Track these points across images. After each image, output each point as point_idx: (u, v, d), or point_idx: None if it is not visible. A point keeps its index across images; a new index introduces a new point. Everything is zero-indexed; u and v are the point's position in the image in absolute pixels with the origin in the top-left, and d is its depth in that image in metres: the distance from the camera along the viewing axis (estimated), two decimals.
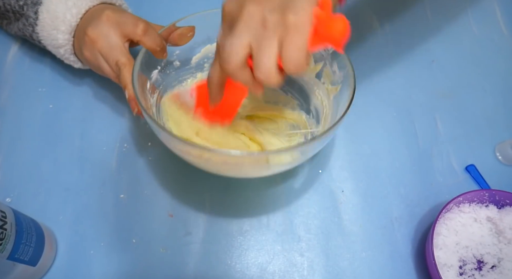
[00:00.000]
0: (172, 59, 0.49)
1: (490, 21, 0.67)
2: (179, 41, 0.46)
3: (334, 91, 0.47)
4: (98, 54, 0.45)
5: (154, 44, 0.44)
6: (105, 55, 0.45)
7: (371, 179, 0.52)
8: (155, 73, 0.47)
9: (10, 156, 0.51)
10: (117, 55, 0.44)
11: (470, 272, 0.46)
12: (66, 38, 0.48)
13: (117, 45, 0.44)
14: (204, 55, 0.51)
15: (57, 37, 0.48)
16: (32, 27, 0.50)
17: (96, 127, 0.53)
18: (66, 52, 0.50)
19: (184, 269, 0.46)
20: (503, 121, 0.58)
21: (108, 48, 0.44)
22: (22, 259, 0.39)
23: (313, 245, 0.48)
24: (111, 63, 0.45)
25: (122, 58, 0.44)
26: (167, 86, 0.50)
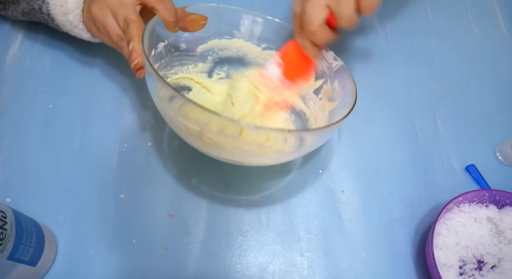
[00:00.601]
0: (180, 40, 0.49)
1: (490, 21, 0.67)
2: (190, 26, 0.46)
3: (331, 106, 0.47)
4: (107, 9, 0.44)
5: (168, 14, 0.43)
6: (114, 11, 0.44)
7: (371, 179, 0.52)
8: (161, 45, 0.47)
9: (10, 156, 0.51)
10: (127, 11, 0.43)
11: (470, 272, 0.46)
12: (76, 2, 0.47)
13: (129, 2, 0.44)
14: (210, 48, 0.52)
15: (67, 1, 0.47)
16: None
17: (96, 127, 0.53)
18: (75, 19, 0.48)
19: (184, 269, 0.46)
20: (503, 121, 0.58)
21: (119, 4, 0.43)
22: (22, 259, 0.39)
23: (313, 245, 0.48)
24: (120, 19, 0.43)
25: (131, 15, 0.43)
26: (168, 63, 0.50)
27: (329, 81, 0.48)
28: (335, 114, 0.46)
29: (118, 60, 0.57)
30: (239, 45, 0.52)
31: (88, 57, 0.58)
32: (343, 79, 0.46)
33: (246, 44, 0.52)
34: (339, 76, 0.47)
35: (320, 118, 0.49)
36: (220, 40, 0.52)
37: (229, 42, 0.52)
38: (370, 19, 0.65)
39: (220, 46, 0.52)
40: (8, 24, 0.60)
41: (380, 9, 0.66)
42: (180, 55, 0.51)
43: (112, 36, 0.45)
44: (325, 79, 0.48)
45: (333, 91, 0.47)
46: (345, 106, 0.43)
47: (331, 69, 0.47)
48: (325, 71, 0.48)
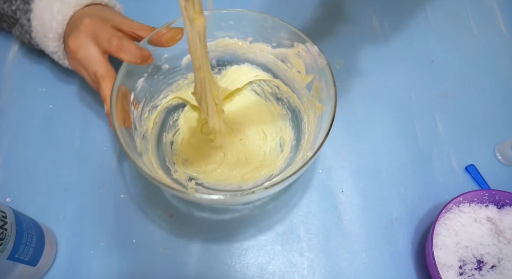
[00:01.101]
0: (160, 63, 0.48)
1: (490, 21, 0.67)
2: (167, 43, 0.45)
3: (320, 110, 0.46)
4: (79, 65, 0.46)
5: (132, 58, 0.43)
6: (85, 66, 0.45)
7: (371, 179, 0.52)
8: (140, 81, 0.46)
9: (10, 156, 0.51)
10: (96, 67, 0.44)
11: (470, 272, 0.46)
12: (56, 45, 0.48)
13: (96, 56, 0.44)
14: None
15: (48, 45, 0.48)
16: (29, 34, 0.50)
17: (96, 127, 0.53)
18: (59, 59, 0.50)
19: (184, 269, 0.46)
20: (503, 121, 0.58)
21: (87, 60, 0.44)
22: (22, 259, 0.39)
23: (313, 245, 0.48)
24: (91, 74, 0.45)
25: (100, 70, 0.44)
26: (154, 92, 0.49)
27: (318, 78, 0.47)
28: (322, 122, 0.44)
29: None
30: (224, 44, 0.51)
31: None
32: (327, 82, 0.44)
33: (231, 41, 0.51)
34: (324, 77, 0.45)
35: (312, 120, 0.48)
36: None
37: (214, 44, 0.50)
38: (370, 19, 0.65)
39: None
40: None
41: (380, 9, 0.66)
42: (165, 76, 0.50)
43: (93, 86, 0.47)
44: (314, 75, 0.47)
45: (321, 91, 0.46)
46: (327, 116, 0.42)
47: (317, 65, 0.46)
48: (313, 66, 0.47)
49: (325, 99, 0.44)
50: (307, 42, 0.45)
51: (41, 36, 0.48)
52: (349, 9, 0.65)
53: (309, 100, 0.49)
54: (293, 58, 0.49)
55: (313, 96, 0.48)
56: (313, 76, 0.48)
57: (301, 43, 0.46)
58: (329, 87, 0.43)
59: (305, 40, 0.45)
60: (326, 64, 0.44)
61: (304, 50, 0.46)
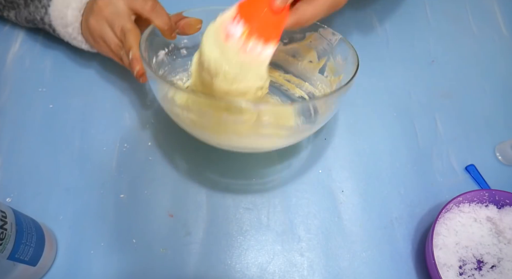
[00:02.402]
0: (180, 46, 0.50)
1: (490, 21, 0.67)
2: (186, 30, 0.47)
3: (337, 81, 0.47)
4: (103, 21, 0.46)
5: (162, 23, 0.44)
6: (111, 22, 0.45)
7: (371, 179, 0.52)
8: (162, 53, 0.47)
9: (10, 156, 0.51)
10: (123, 21, 0.45)
11: (470, 272, 0.46)
12: (75, 15, 0.49)
13: (124, 13, 0.45)
14: None
15: (67, 14, 0.49)
16: (45, 9, 0.50)
17: (96, 127, 0.53)
18: (73, 31, 0.50)
19: (184, 269, 0.46)
20: (503, 121, 0.58)
21: (115, 15, 0.45)
22: (22, 259, 0.39)
23: (313, 245, 0.48)
24: (116, 29, 0.45)
25: (127, 24, 0.44)
26: (172, 70, 0.50)
27: (332, 57, 0.48)
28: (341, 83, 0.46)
29: None
30: None
31: (88, 58, 0.58)
32: (344, 51, 0.46)
33: None
34: (340, 50, 0.47)
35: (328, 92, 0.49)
36: None
37: None
38: (370, 19, 0.65)
39: None
40: (9, 25, 0.60)
41: (380, 9, 0.66)
42: (182, 61, 0.51)
43: (111, 46, 0.46)
44: (327, 57, 0.49)
45: (337, 66, 0.47)
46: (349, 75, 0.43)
47: (331, 45, 0.47)
48: (326, 48, 0.48)
49: (342, 68, 0.46)
50: (320, 27, 0.47)
51: (62, 7, 0.49)
52: (349, 9, 0.65)
53: (323, 81, 0.50)
54: (304, 50, 0.50)
55: (327, 76, 0.49)
56: (326, 59, 0.49)
57: (313, 32, 0.47)
58: (349, 55, 0.45)
59: (317, 27, 0.47)
60: (341, 38, 0.46)
61: (316, 37, 0.48)
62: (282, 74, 0.54)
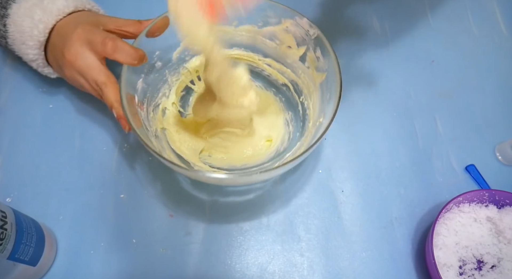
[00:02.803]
0: (153, 61, 0.48)
1: (490, 21, 0.67)
2: (158, 30, 0.45)
3: (320, 78, 0.47)
4: (78, 75, 0.45)
5: (129, 58, 0.42)
6: (84, 75, 0.44)
7: (371, 179, 0.52)
8: (139, 83, 0.46)
9: (10, 156, 0.51)
10: (95, 74, 0.44)
11: (470, 272, 0.46)
12: (35, 53, 0.47)
13: (94, 64, 0.44)
14: (184, 49, 0.51)
15: (27, 52, 0.47)
16: (5, 40, 0.48)
17: (96, 127, 0.53)
18: (38, 66, 0.49)
19: (184, 269, 0.46)
20: (503, 121, 0.58)
21: (86, 68, 0.44)
22: (22, 259, 0.39)
23: (313, 245, 0.48)
24: (91, 82, 0.44)
25: (100, 77, 0.43)
26: (153, 91, 0.50)
27: (311, 48, 0.48)
28: (326, 89, 0.46)
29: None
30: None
31: None
32: (324, 50, 0.45)
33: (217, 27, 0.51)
34: (319, 46, 0.46)
35: (313, 91, 0.49)
36: None
37: None
38: (370, 19, 0.65)
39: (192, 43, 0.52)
40: None
41: (380, 9, 0.66)
42: (160, 74, 0.51)
43: (93, 94, 0.46)
44: (307, 47, 0.48)
45: (317, 61, 0.47)
46: (333, 81, 0.43)
47: (309, 36, 0.47)
48: (304, 38, 0.48)
49: (325, 67, 0.45)
50: (296, 15, 0.46)
51: (19, 43, 0.47)
52: (349, 9, 0.65)
53: (305, 71, 0.50)
54: (281, 34, 0.49)
55: (309, 67, 0.49)
56: (305, 48, 0.48)
57: (289, 18, 0.47)
58: (327, 54, 0.44)
59: (293, 15, 0.46)
60: (320, 33, 0.45)
61: (292, 24, 0.47)
62: (261, 58, 0.54)
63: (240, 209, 0.50)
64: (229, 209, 0.50)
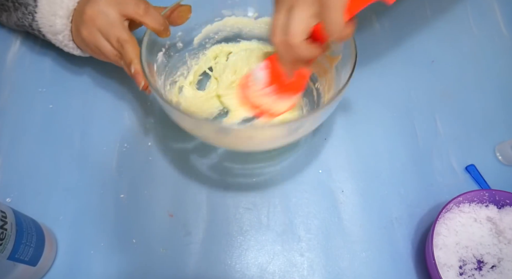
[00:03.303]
0: (175, 40, 0.50)
1: (490, 21, 0.67)
2: (178, 21, 0.47)
3: (336, 61, 0.47)
4: (97, 33, 0.44)
5: (156, 24, 0.44)
6: (105, 33, 0.44)
7: (371, 179, 0.52)
8: (160, 55, 0.48)
9: (10, 156, 0.51)
10: (118, 31, 0.44)
11: (470, 272, 0.46)
12: (64, 23, 0.47)
13: (117, 22, 0.44)
14: (205, 36, 0.53)
15: (55, 23, 0.47)
16: (32, 16, 0.49)
17: (96, 127, 0.53)
18: (64, 39, 0.49)
19: (184, 269, 0.46)
20: (503, 121, 0.58)
21: (108, 25, 0.44)
22: (23, 259, 0.39)
23: (313, 245, 0.48)
24: (112, 40, 0.44)
25: (123, 34, 0.44)
26: (172, 68, 0.51)
27: None
28: (341, 69, 0.46)
29: None
30: (231, 23, 0.53)
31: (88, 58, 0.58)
32: None
33: (237, 19, 0.53)
34: None
35: (328, 73, 0.50)
36: (212, 24, 0.52)
37: (221, 23, 0.53)
38: (370, 19, 0.65)
39: (214, 30, 0.53)
40: None
41: (380, 9, 0.66)
42: (180, 54, 0.52)
43: (109, 57, 0.46)
44: None
45: (333, 44, 0.47)
46: (348, 61, 0.44)
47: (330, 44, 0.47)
48: None
49: (339, 48, 0.46)
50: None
51: (49, 15, 0.47)
52: None
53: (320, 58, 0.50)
54: None
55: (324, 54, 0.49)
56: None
57: None
58: None
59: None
60: None
61: None
62: None
63: (240, 209, 0.50)
64: (229, 209, 0.50)
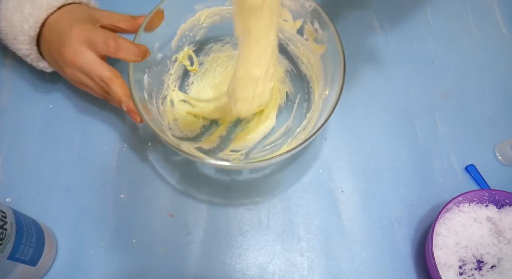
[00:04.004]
0: (154, 54, 0.49)
1: (490, 21, 0.67)
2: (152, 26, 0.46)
3: (320, 50, 0.47)
4: (80, 72, 0.45)
5: (132, 56, 0.43)
6: (87, 73, 0.44)
7: (371, 179, 0.52)
8: (145, 79, 0.47)
9: (10, 156, 0.51)
10: (100, 70, 0.44)
11: (470, 272, 0.46)
12: (27, 48, 0.47)
13: (96, 61, 0.44)
14: (181, 36, 0.52)
15: (19, 47, 0.47)
16: None
17: (96, 127, 0.53)
18: (32, 61, 0.49)
19: (184, 269, 0.46)
20: (503, 121, 0.58)
21: (89, 66, 0.44)
22: (23, 259, 0.39)
23: (313, 245, 0.48)
24: (96, 79, 0.44)
25: (105, 72, 0.44)
26: (159, 83, 0.51)
27: (309, 21, 0.48)
28: (328, 61, 0.46)
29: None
30: (206, 15, 0.52)
31: None
32: (322, 22, 0.46)
33: (210, 10, 0.51)
34: (317, 18, 0.46)
35: (314, 62, 0.50)
36: (186, 22, 0.51)
37: (195, 19, 0.51)
38: (370, 19, 0.65)
39: (188, 28, 0.52)
40: None
41: (380, 9, 0.66)
42: (162, 65, 0.51)
43: (97, 94, 0.46)
44: (304, 19, 0.48)
45: (316, 33, 0.47)
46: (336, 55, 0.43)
47: (305, 9, 0.47)
48: (300, 11, 0.48)
49: (324, 39, 0.46)
50: None
51: (11, 38, 0.47)
52: (349, 9, 0.65)
53: (304, 44, 0.50)
54: None
55: (307, 39, 0.50)
56: (302, 21, 0.49)
57: None
58: (325, 26, 0.45)
59: None
60: (316, 5, 0.45)
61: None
62: None
63: (240, 209, 0.50)
64: (229, 209, 0.50)
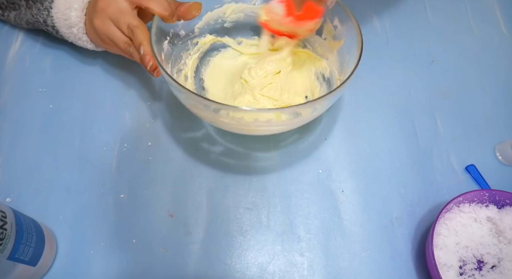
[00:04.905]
0: (178, 29, 0.51)
1: (490, 21, 0.67)
2: (185, 15, 0.48)
3: (338, 45, 0.48)
4: (108, 21, 0.47)
5: (161, 9, 0.45)
6: (115, 20, 0.46)
7: (371, 179, 0.52)
8: (165, 44, 0.48)
9: (10, 156, 0.51)
10: (128, 18, 0.46)
11: (470, 272, 0.46)
12: (78, 16, 0.49)
13: (127, 9, 0.46)
14: (205, 23, 0.54)
15: (70, 16, 0.49)
16: (48, 11, 0.50)
17: (96, 127, 0.53)
18: (78, 32, 0.51)
19: (184, 269, 0.46)
20: (503, 121, 0.58)
21: (119, 13, 0.46)
22: (22, 259, 0.39)
23: (313, 245, 0.48)
24: (123, 27, 0.46)
25: (133, 20, 0.46)
26: (177, 56, 0.52)
27: (328, 19, 0.49)
28: (344, 54, 0.47)
29: (118, 60, 0.57)
30: (232, 9, 0.54)
31: (88, 57, 0.58)
32: (341, 15, 0.47)
33: (237, 5, 0.54)
34: (337, 13, 0.47)
35: (331, 59, 0.50)
36: (212, 11, 0.53)
37: (222, 10, 0.53)
38: (370, 18, 0.65)
39: (214, 17, 0.54)
40: (9, 24, 0.60)
41: (380, 9, 0.66)
42: (182, 42, 0.53)
43: (119, 44, 0.47)
44: (324, 19, 0.49)
45: (335, 29, 0.48)
46: (353, 44, 0.44)
47: (327, 7, 0.47)
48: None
49: (343, 33, 0.47)
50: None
51: (64, 8, 0.49)
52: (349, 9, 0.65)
53: (322, 44, 0.51)
54: None
55: (325, 38, 0.51)
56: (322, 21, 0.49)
57: None
58: (346, 19, 0.46)
59: None
60: (338, 1, 0.47)
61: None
62: None
63: (240, 209, 0.50)
64: (229, 209, 0.50)
